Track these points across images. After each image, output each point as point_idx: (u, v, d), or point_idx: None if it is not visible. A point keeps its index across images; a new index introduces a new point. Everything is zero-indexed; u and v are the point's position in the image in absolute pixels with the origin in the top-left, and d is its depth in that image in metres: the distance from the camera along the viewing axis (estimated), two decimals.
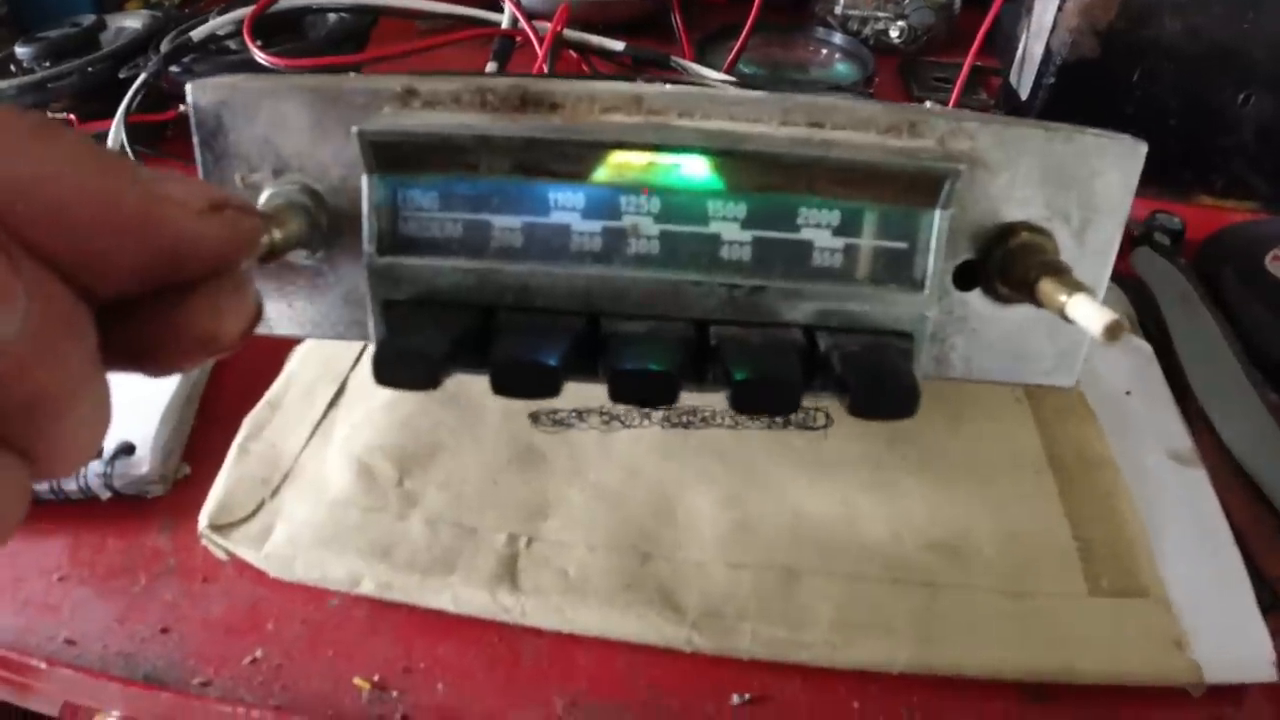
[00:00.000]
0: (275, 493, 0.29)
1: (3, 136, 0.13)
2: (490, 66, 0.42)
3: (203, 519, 0.29)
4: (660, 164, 0.21)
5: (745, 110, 0.22)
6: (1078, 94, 0.48)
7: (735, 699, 0.26)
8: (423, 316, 0.21)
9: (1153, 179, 0.52)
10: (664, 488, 0.30)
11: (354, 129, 0.20)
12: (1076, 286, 0.20)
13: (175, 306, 0.16)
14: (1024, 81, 0.51)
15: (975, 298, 0.24)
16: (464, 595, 0.26)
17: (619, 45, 0.46)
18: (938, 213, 0.21)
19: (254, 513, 0.29)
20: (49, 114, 0.46)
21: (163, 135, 0.49)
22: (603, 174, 0.21)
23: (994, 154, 0.22)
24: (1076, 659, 0.26)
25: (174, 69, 0.46)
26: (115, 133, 0.42)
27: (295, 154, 0.23)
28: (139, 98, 0.44)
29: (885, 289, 0.22)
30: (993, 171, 0.23)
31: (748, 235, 0.22)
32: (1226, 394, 0.34)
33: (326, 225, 0.23)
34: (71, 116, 0.46)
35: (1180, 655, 0.26)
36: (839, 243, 0.22)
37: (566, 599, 0.26)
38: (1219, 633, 0.27)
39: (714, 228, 0.21)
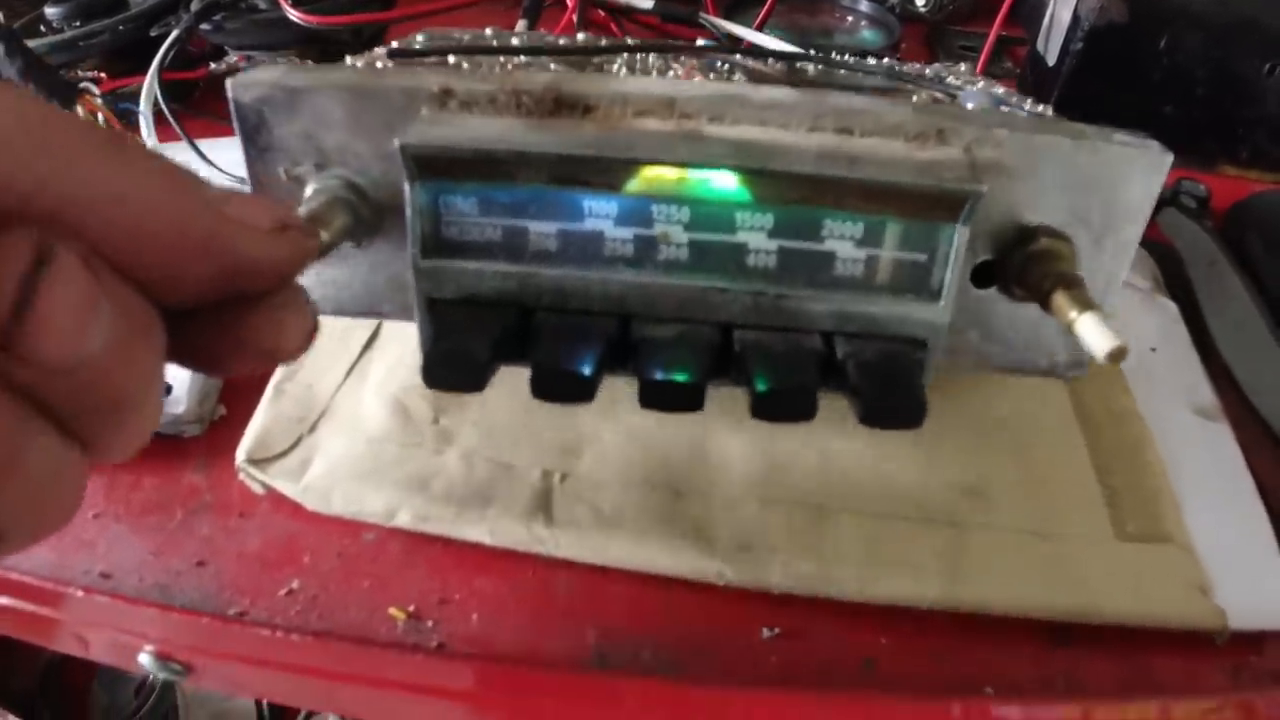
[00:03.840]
0: (312, 429, 0.30)
1: (79, 155, 0.14)
2: (520, 25, 0.42)
3: (240, 453, 0.29)
4: (691, 177, 0.21)
5: (776, 115, 0.22)
6: (1105, 60, 0.48)
7: (765, 632, 0.26)
8: (465, 314, 0.22)
9: (1178, 147, 0.51)
10: (696, 428, 0.30)
11: (396, 142, 0.21)
12: (1087, 304, 0.21)
13: (240, 321, 0.17)
14: (1051, 47, 0.51)
15: (992, 294, 0.25)
16: (500, 528, 0.27)
17: (648, 3, 0.46)
18: (958, 228, 0.21)
19: (291, 447, 0.29)
20: (79, 73, 0.47)
21: (193, 93, 0.50)
22: (635, 185, 0.21)
23: (1021, 160, 0.23)
24: (1102, 600, 0.26)
25: (204, 27, 0.46)
26: (148, 89, 0.42)
27: (336, 149, 0.23)
28: (171, 55, 0.44)
29: (903, 298, 0.22)
30: (1018, 178, 0.23)
31: (774, 244, 0.22)
32: (1251, 350, 0.34)
33: (370, 217, 0.24)
34: (102, 74, 0.46)
35: (1205, 601, 0.27)
36: (861, 253, 0.22)
37: (600, 533, 0.26)
38: (1243, 581, 0.27)
39: (741, 237, 0.22)
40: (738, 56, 0.35)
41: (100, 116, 0.39)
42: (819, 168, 0.21)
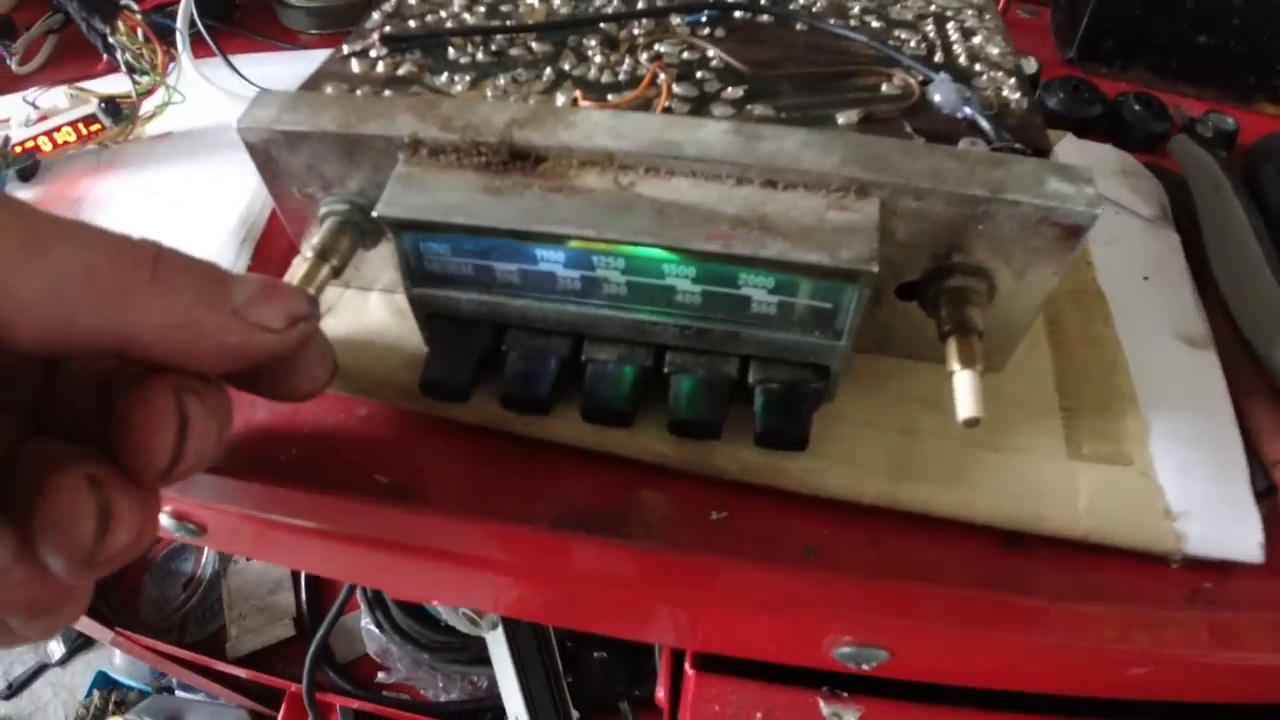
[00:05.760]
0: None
1: (135, 298, 0.18)
2: None
3: None
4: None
5: (706, 168, 0.25)
6: None
7: (713, 515, 0.28)
8: (454, 327, 0.28)
9: (1213, 80, 0.50)
10: None
11: (375, 213, 0.25)
12: (970, 362, 0.24)
13: (281, 378, 0.22)
14: None
15: (914, 306, 0.27)
16: (478, 408, 0.29)
17: None
18: (858, 288, 0.24)
19: None
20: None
21: (233, 13, 0.52)
22: (576, 244, 0.25)
23: (940, 211, 0.24)
24: (1046, 511, 0.27)
25: None
26: (185, 7, 0.45)
27: (336, 177, 0.28)
28: None
29: (810, 335, 0.26)
30: (940, 223, 0.25)
31: (698, 288, 0.26)
32: (1245, 280, 0.34)
33: (373, 227, 0.28)
34: None
35: (1160, 523, 0.27)
36: (774, 299, 0.25)
37: (566, 413, 0.28)
38: (1209, 510, 0.27)
39: (669, 281, 0.25)
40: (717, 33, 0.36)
41: (140, 33, 0.42)
42: (729, 244, 0.23)
